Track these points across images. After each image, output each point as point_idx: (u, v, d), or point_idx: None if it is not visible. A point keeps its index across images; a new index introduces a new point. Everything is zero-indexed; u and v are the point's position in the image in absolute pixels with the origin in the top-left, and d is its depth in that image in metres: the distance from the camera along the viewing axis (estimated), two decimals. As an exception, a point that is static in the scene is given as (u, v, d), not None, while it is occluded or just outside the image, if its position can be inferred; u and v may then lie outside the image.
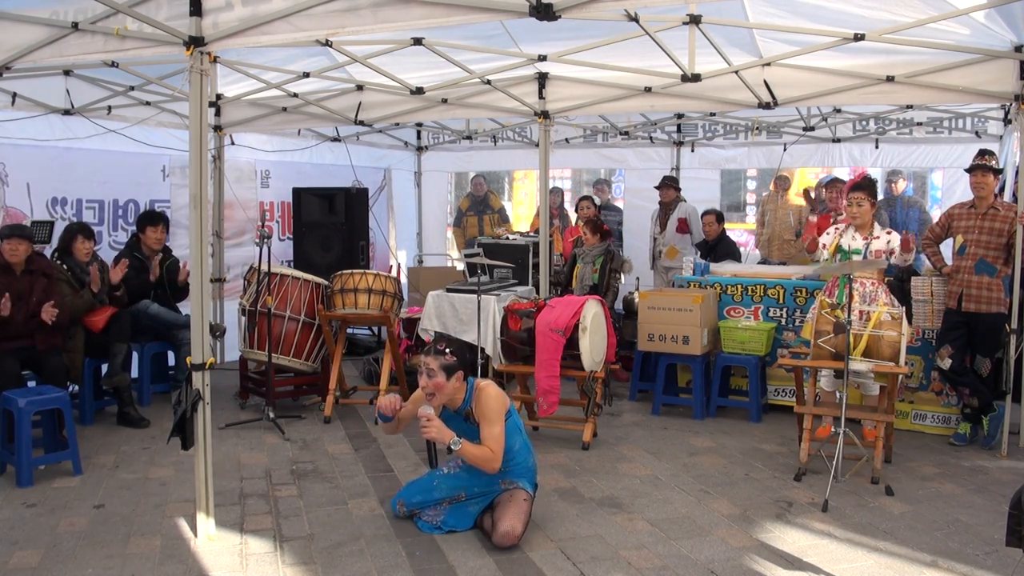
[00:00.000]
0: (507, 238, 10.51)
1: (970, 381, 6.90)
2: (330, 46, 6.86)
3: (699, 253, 9.79)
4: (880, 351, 6.17)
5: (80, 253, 7.37)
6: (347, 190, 10.32)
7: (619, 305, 9.59)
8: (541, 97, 8.06)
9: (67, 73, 7.90)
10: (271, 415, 7.37)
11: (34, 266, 6.71)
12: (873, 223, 6.92)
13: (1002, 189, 7.57)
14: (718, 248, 9.88)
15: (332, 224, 10.21)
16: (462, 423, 5.05)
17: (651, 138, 11.99)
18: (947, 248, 7.32)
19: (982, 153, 7.02)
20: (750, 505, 5.66)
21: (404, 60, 7.40)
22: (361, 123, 8.95)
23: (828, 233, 7.04)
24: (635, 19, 5.71)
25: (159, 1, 4.98)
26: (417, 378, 5.01)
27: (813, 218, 9.29)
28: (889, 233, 6.87)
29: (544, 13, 4.15)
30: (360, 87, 8.57)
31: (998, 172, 7.02)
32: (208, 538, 5.00)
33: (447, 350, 4.99)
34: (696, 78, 6.54)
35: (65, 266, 7.29)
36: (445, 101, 8.43)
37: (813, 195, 10.06)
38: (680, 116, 11.13)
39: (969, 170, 6.97)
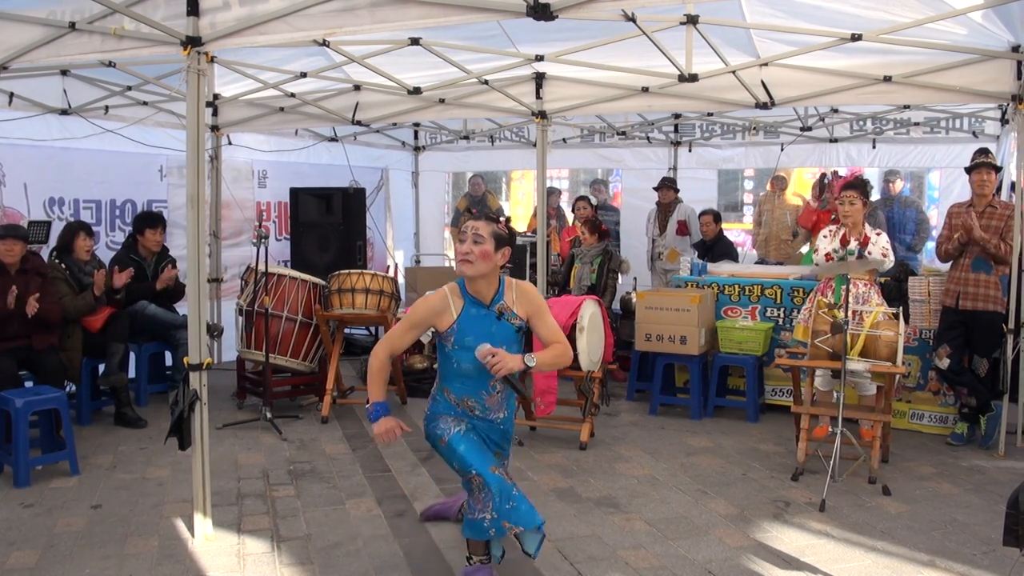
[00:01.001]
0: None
1: (968, 381, 6.91)
2: (327, 46, 6.86)
3: (697, 253, 9.80)
4: (877, 351, 6.18)
5: (81, 251, 7.38)
6: (344, 190, 10.32)
7: (617, 305, 9.59)
8: (538, 97, 8.06)
9: (64, 73, 7.90)
10: (268, 415, 7.36)
11: (29, 266, 6.71)
12: (864, 223, 6.93)
13: (998, 188, 7.57)
14: (715, 248, 9.89)
15: (329, 224, 10.21)
16: (494, 321, 4.13)
17: (648, 138, 12.00)
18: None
19: (982, 152, 7.03)
20: (747, 505, 5.67)
21: (401, 60, 7.40)
22: (358, 123, 8.95)
23: (824, 236, 7.04)
24: (632, 19, 5.72)
25: (156, 1, 4.97)
26: (456, 247, 4.13)
27: (815, 203, 9.28)
28: (879, 234, 6.88)
29: (541, 13, 4.15)
30: (357, 87, 8.57)
31: (998, 169, 7.03)
32: (205, 538, 5.00)
33: (500, 218, 4.25)
34: (693, 78, 6.55)
35: (63, 265, 7.29)
36: (442, 101, 8.43)
37: (828, 181, 10.04)
38: (677, 116, 11.13)
39: (971, 168, 6.96)
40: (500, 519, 4.10)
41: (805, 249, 10.00)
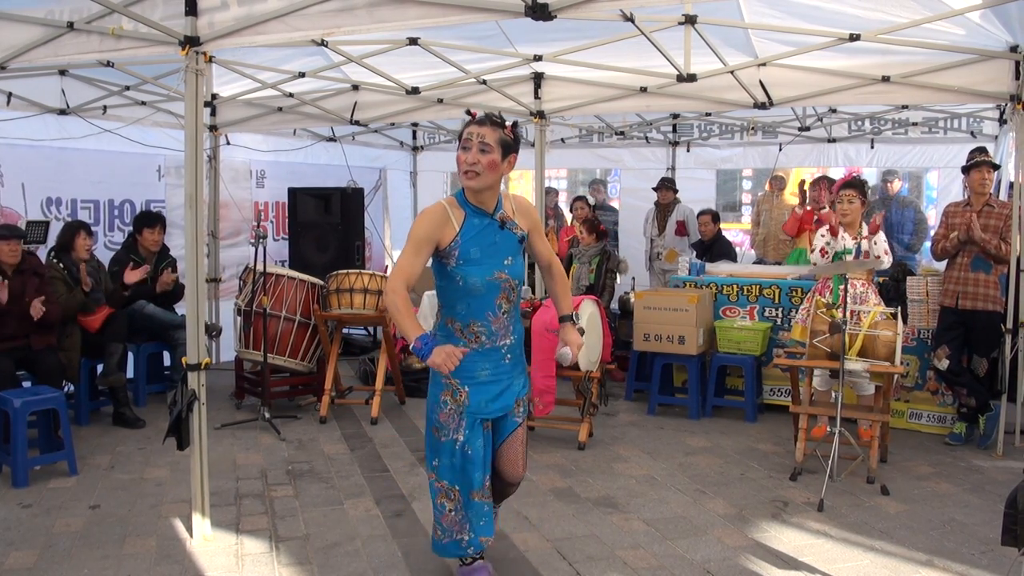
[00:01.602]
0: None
1: (967, 381, 6.91)
2: (326, 46, 6.86)
3: (695, 253, 9.80)
4: (876, 351, 6.19)
5: (81, 250, 7.38)
6: (343, 190, 10.32)
7: (615, 305, 9.59)
8: (537, 97, 8.06)
9: (63, 73, 7.90)
10: (267, 415, 7.36)
11: (26, 265, 6.71)
12: (861, 222, 6.93)
13: (996, 188, 7.58)
14: (714, 248, 9.89)
15: (328, 224, 10.21)
16: (497, 231, 3.90)
17: (647, 138, 12.00)
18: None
19: (979, 150, 7.03)
20: (746, 505, 5.67)
21: (400, 60, 7.40)
22: (357, 123, 8.96)
23: (822, 235, 7.04)
24: (631, 19, 5.72)
25: (154, 1, 4.97)
26: (458, 151, 3.79)
27: (799, 211, 9.30)
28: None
29: (540, 13, 4.15)
30: (356, 87, 8.57)
31: (996, 168, 7.04)
32: (204, 538, 4.99)
33: (506, 122, 3.94)
34: (692, 78, 6.55)
35: (61, 264, 7.29)
36: (441, 101, 8.43)
37: (806, 189, 10.05)
38: (676, 116, 11.14)
39: (969, 168, 6.97)
40: (477, 536, 4.18)
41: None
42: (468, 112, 3.81)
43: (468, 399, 3.98)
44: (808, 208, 9.19)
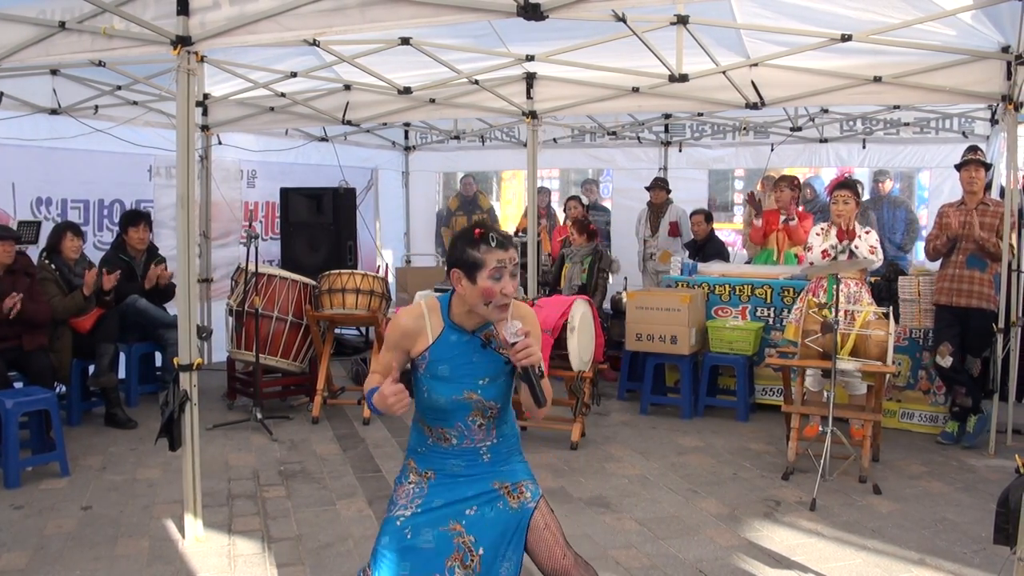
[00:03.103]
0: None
1: (967, 380, 6.91)
2: (317, 46, 6.84)
3: (687, 253, 9.81)
4: (867, 350, 6.20)
5: (69, 251, 7.36)
6: (335, 190, 10.31)
7: (607, 305, 9.60)
8: (529, 97, 8.05)
9: (54, 72, 7.87)
10: (259, 416, 7.35)
11: (16, 265, 6.69)
12: (855, 222, 6.95)
13: (989, 185, 7.59)
14: (706, 248, 9.89)
15: (320, 224, 10.20)
16: (477, 349, 3.27)
17: (639, 138, 12.00)
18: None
19: (972, 149, 7.05)
20: (738, 504, 5.68)
21: (392, 60, 7.39)
22: (349, 123, 8.93)
23: (817, 234, 7.05)
24: (623, 19, 5.72)
25: (146, 0, 4.96)
26: (484, 281, 3.08)
27: (758, 221, 9.22)
28: (867, 232, 6.90)
29: (532, 13, 4.15)
30: (348, 87, 8.55)
31: (988, 167, 7.05)
32: (196, 539, 4.99)
33: (514, 238, 3.47)
34: (684, 78, 6.55)
35: (53, 265, 7.27)
36: (433, 101, 8.41)
37: (758, 198, 10.02)
38: (668, 116, 11.14)
39: (961, 165, 6.99)
40: None
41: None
42: (484, 234, 3.08)
43: (428, 488, 3.29)
44: (775, 208, 9.19)
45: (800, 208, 9.24)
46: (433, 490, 3.29)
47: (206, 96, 8.87)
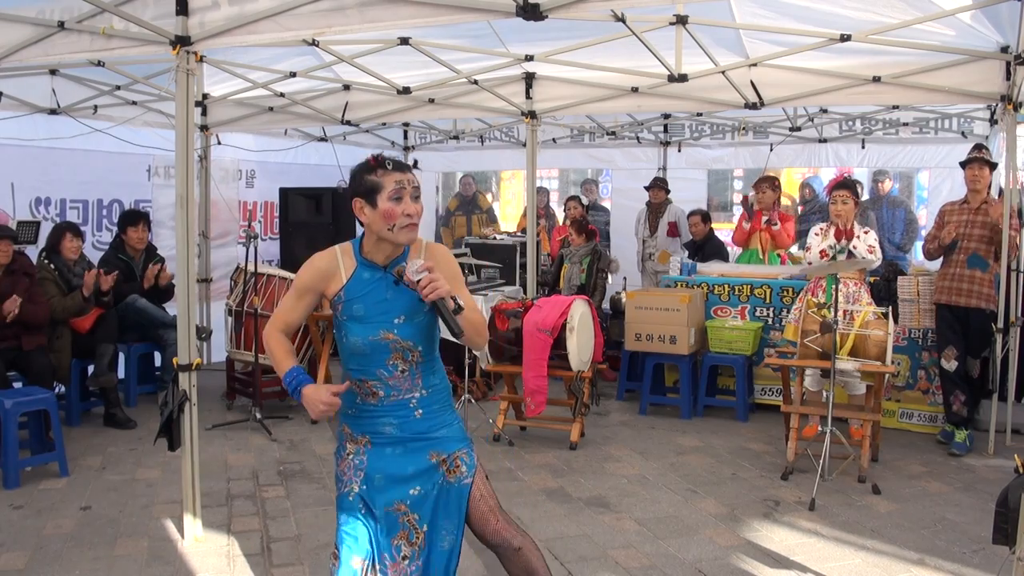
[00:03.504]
0: (495, 238, 10.52)
1: (967, 388, 6.87)
2: (317, 46, 6.84)
3: (687, 253, 9.81)
4: (866, 350, 6.20)
5: (68, 252, 7.36)
6: (334, 190, 10.31)
7: (607, 305, 9.60)
8: (528, 97, 8.05)
9: (53, 72, 7.87)
10: (258, 416, 7.35)
11: (16, 266, 6.69)
12: (854, 222, 6.95)
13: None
14: (706, 248, 9.89)
15: (319, 224, 10.19)
16: (390, 286, 3.28)
17: (638, 138, 12.00)
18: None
19: (978, 147, 7.04)
20: (737, 504, 5.68)
21: (391, 60, 7.39)
22: (348, 123, 8.93)
23: (816, 234, 7.06)
24: (622, 19, 5.72)
25: (145, 0, 4.96)
26: (384, 203, 3.19)
27: (747, 224, 9.20)
28: (866, 232, 6.90)
29: (531, 13, 4.15)
30: (347, 87, 8.55)
31: (993, 166, 7.04)
32: (195, 539, 4.99)
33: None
34: (683, 78, 6.55)
35: (52, 266, 7.26)
36: (432, 101, 8.41)
37: (751, 203, 9.97)
38: (667, 116, 11.15)
39: (966, 163, 6.98)
40: None
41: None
42: (375, 158, 3.18)
43: (367, 458, 3.31)
44: (757, 209, 9.20)
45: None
46: (372, 460, 3.31)
47: (205, 96, 8.87)
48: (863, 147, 10.99)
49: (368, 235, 3.32)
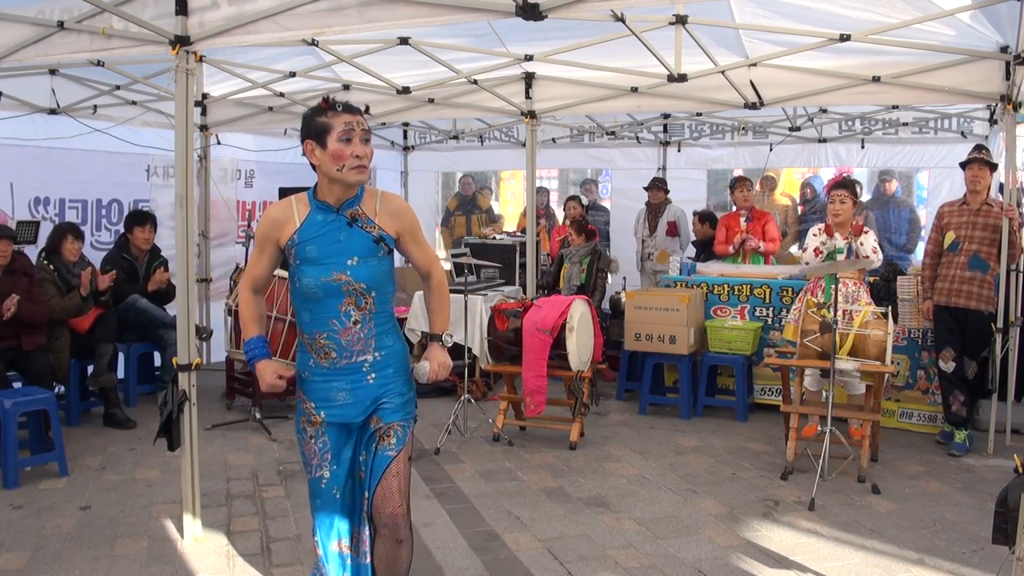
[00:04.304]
0: (494, 238, 10.52)
1: (966, 389, 6.88)
2: (316, 45, 6.84)
3: (695, 252, 9.82)
4: (866, 350, 6.20)
5: (68, 253, 7.36)
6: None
7: (606, 305, 9.60)
8: (528, 97, 8.06)
9: (53, 72, 7.87)
10: (258, 416, 7.35)
11: (15, 266, 6.68)
12: (859, 220, 6.95)
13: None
14: (709, 248, 9.89)
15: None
16: (343, 228, 3.37)
17: (638, 138, 12.00)
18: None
19: (978, 148, 7.04)
20: (737, 504, 5.68)
21: (390, 60, 7.39)
22: (348, 123, 8.91)
23: (813, 235, 7.05)
24: (621, 19, 5.72)
25: (145, 0, 4.96)
26: (334, 144, 3.28)
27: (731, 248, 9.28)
28: (866, 232, 6.89)
29: (530, 13, 4.15)
30: (346, 87, 8.54)
31: (994, 167, 7.03)
32: (195, 539, 4.98)
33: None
34: (682, 78, 6.55)
35: (52, 266, 7.26)
36: (432, 101, 8.41)
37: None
38: (667, 116, 11.15)
39: (966, 163, 6.97)
40: None
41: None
42: (325, 100, 3.27)
43: (328, 439, 3.48)
44: (735, 212, 9.20)
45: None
46: (332, 438, 3.49)
47: (205, 96, 8.86)
48: (863, 147, 11.00)
49: (320, 177, 3.39)
